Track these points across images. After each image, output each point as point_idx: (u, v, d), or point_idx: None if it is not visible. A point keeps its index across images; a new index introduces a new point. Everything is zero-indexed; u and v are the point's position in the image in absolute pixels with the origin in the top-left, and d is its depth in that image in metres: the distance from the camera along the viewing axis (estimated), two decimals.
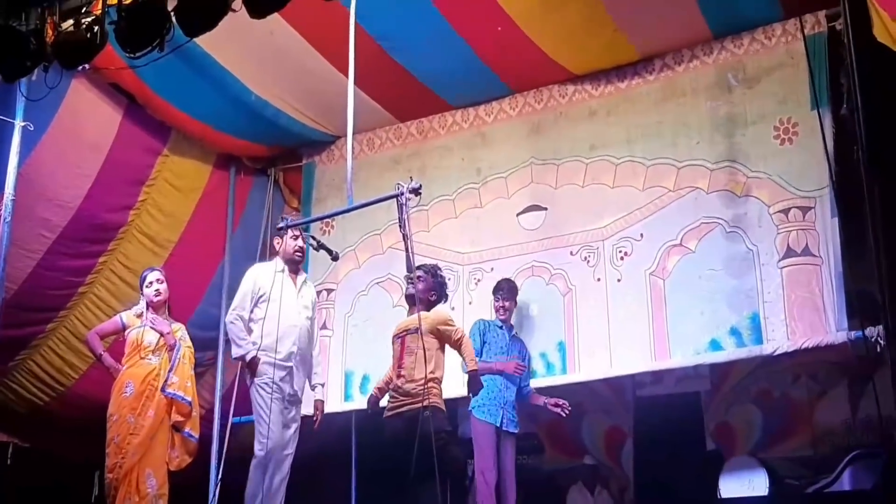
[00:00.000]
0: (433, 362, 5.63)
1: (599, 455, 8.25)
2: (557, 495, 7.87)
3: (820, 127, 6.15)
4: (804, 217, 6.27)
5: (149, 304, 6.31)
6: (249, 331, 6.01)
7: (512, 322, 6.79)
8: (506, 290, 6.74)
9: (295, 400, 5.97)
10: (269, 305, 5.93)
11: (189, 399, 6.19)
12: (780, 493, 6.63)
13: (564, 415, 6.48)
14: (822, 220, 6.18)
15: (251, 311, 6.03)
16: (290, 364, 5.91)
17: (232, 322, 6.02)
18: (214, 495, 6.86)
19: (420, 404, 5.42)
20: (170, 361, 6.18)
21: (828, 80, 6.31)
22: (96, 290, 7.42)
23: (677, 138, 6.85)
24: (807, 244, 6.22)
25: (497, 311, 6.73)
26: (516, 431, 6.54)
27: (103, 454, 6.81)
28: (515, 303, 6.79)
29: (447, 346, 5.78)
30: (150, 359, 6.18)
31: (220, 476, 6.75)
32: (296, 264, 6.17)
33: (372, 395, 5.96)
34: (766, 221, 6.38)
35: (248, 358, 5.91)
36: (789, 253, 6.26)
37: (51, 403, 7.53)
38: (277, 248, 6.21)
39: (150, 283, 6.33)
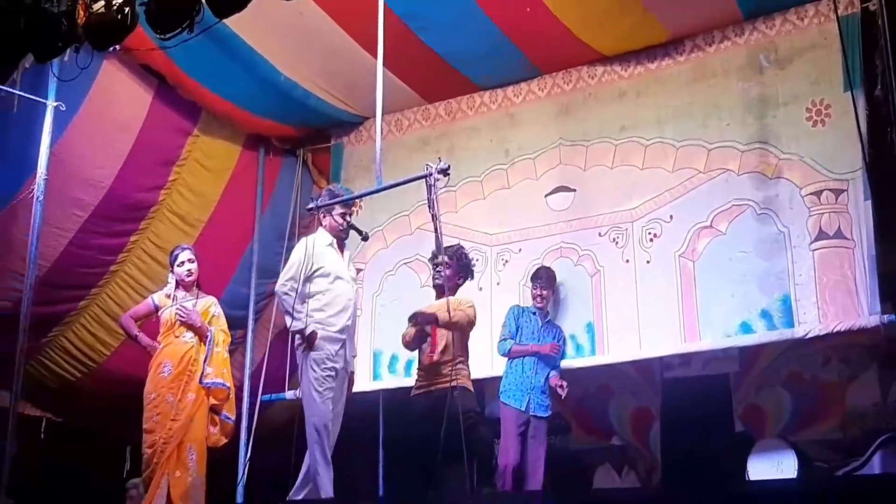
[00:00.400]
0: (461, 346, 5.73)
1: (626, 436, 8.23)
2: (584, 475, 7.86)
3: (853, 108, 6.05)
4: (836, 199, 6.21)
5: (179, 283, 6.33)
6: (304, 304, 5.91)
7: (548, 309, 6.80)
8: (544, 279, 6.76)
9: (345, 374, 5.93)
10: (324, 279, 5.92)
11: (227, 384, 6.23)
12: (809, 475, 6.58)
13: (562, 395, 6.48)
14: (855, 203, 6.13)
15: (304, 284, 5.93)
16: (343, 337, 5.86)
17: (286, 293, 5.87)
18: (244, 473, 6.96)
19: (448, 384, 5.46)
20: (205, 347, 6.20)
21: (861, 62, 6.23)
22: (127, 268, 7.49)
23: (708, 119, 6.80)
24: (839, 227, 6.17)
25: (535, 298, 6.75)
26: (546, 415, 6.55)
27: (135, 430, 6.89)
28: (553, 291, 6.80)
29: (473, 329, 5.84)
30: (184, 336, 6.22)
31: (248, 454, 6.84)
32: (342, 240, 6.12)
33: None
34: (797, 203, 6.33)
35: (307, 331, 5.81)
36: (821, 235, 6.22)
37: (83, 379, 7.62)
38: (323, 223, 6.10)
39: (182, 262, 6.34)
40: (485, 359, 6.84)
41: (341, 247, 6.09)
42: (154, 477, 5.91)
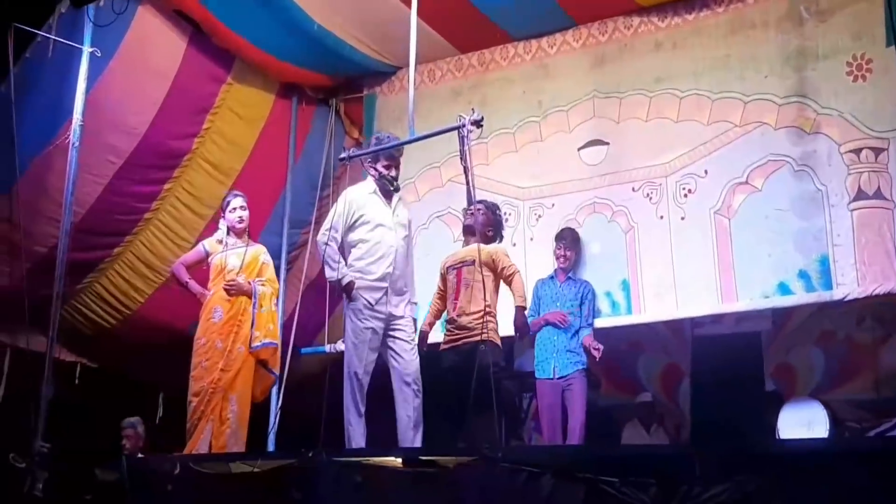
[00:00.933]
0: (489, 295, 5.64)
1: (656, 392, 8.23)
2: (613, 430, 7.89)
3: None
4: (876, 158, 6.12)
5: (230, 229, 6.36)
6: (347, 254, 5.89)
7: (571, 270, 6.76)
8: (569, 240, 6.74)
9: (396, 318, 5.81)
10: (365, 227, 5.87)
11: (275, 342, 6.27)
12: (840, 435, 6.57)
13: (596, 357, 6.42)
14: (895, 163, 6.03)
15: (346, 234, 5.88)
16: (384, 284, 5.76)
17: (326, 244, 5.80)
18: (274, 423, 7.04)
19: (477, 338, 5.45)
20: (251, 309, 6.22)
21: None
22: (161, 216, 7.53)
23: (745, 72, 6.70)
24: (879, 187, 6.08)
25: (558, 258, 6.72)
26: (574, 371, 6.45)
27: (168, 376, 7.00)
28: (576, 252, 6.76)
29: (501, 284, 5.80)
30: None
31: (280, 404, 6.91)
32: (387, 189, 5.98)
33: (422, 331, 5.96)
34: (836, 161, 6.24)
35: (344, 282, 5.75)
36: (860, 195, 6.13)
37: (117, 326, 7.68)
38: (370, 172, 6.03)
39: (234, 208, 6.36)
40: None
41: (388, 195, 5.97)
42: (199, 424, 5.97)
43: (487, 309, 5.62)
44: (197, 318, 6.22)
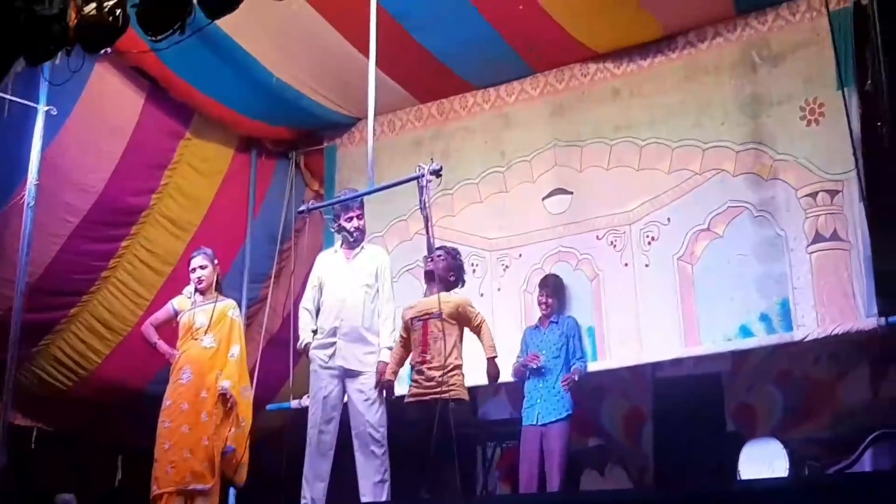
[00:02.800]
0: (456, 349, 5.63)
1: (619, 436, 8.22)
2: (574, 476, 7.85)
3: (845, 108, 6.05)
4: (832, 201, 6.21)
5: (195, 287, 6.39)
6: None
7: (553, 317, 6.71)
8: (551, 286, 6.70)
9: (355, 374, 5.86)
10: (325, 288, 5.98)
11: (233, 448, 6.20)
12: (800, 474, 6.60)
13: (576, 378, 6.38)
14: (851, 204, 6.12)
15: (315, 301, 6.02)
16: (333, 339, 5.85)
17: (299, 315, 6.07)
18: (242, 479, 6.91)
19: (444, 393, 5.39)
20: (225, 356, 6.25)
21: (854, 58, 6.18)
22: (119, 274, 7.43)
23: (702, 118, 6.79)
24: (835, 229, 6.17)
25: (540, 305, 6.69)
26: (558, 418, 6.36)
27: (127, 436, 6.89)
28: (558, 300, 6.72)
29: (466, 333, 5.77)
30: (202, 340, 6.24)
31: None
32: (350, 242, 6.08)
33: (388, 381, 5.87)
34: (793, 205, 6.33)
35: (300, 347, 5.97)
36: (818, 238, 6.22)
37: (74, 388, 7.54)
38: (334, 229, 6.14)
39: (194, 268, 6.42)
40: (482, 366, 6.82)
41: (350, 247, 6.06)
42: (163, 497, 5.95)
43: (455, 362, 5.58)
44: (153, 377, 6.16)
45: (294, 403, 7.40)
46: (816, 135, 6.36)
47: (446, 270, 5.84)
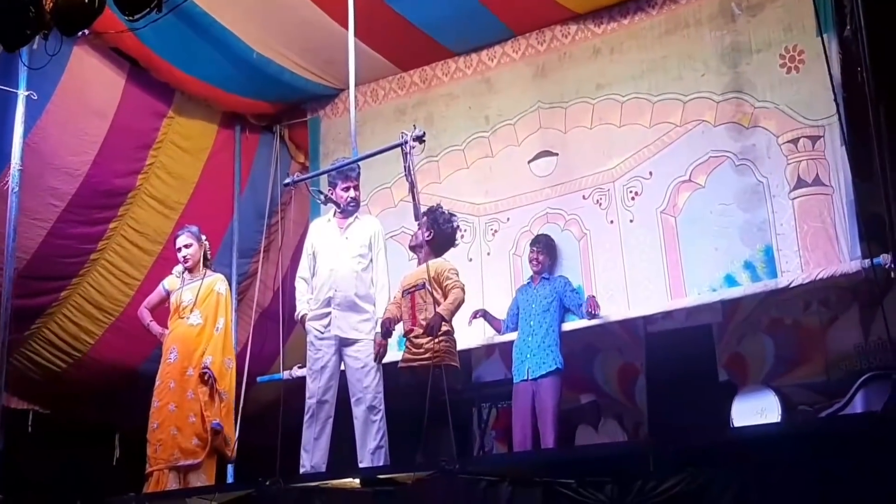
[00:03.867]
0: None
1: (613, 392, 8.26)
2: (569, 433, 7.91)
3: (824, 54, 6.03)
4: (813, 146, 6.20)
5: (184, 266, 6.44)
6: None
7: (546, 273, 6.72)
8: (542, 244, 6.71)
9: (350, 342, 5.87)
10: (318, 258, 5.98)
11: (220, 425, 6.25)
12: (792, 418, 6.64)
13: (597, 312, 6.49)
14: (832, 149, 6.11)
15: (311, 269, 6.03)
16: (328, 309, 5.85)
17: (295, 285, 6.09)
18: (233, 452, 6.97)
19: (433, 360, 5.40)
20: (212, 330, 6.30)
21: (833, 4, 6.15)
22: (108, 255, 7.46)
23: (683, 72, 6.77)
24: (817, 174, 6.16)
25: (531, 262, 6.70)
26: (549, 371, 6.33)
27: (123, 416, 6.95)
28: (550, 257, 6.73)
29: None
30: (188, 318, 6.27)
31: (237, 434, 6.85)
32: (345, 212, 6.06)
33: (385, 320, 5.80)
34: (774, 152, 6.32)
35: (297, 316, 6.00)
36: (800, 183, 6.21)
37: (68, 370, 7.60)
38: (329, 198, 6.08)
39: (179, 248, 6.46)
40: (475, 329, 6.84)
41: (344, 217, 6.05)
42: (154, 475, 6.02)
43: (444, 328, 5.59)
44: (148, 356, 6.20)
45: (285, 374, 7.43)
46: (797, 81, 6.34)
47: (428, 232, 5.82)
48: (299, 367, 7.34)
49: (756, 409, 6.55)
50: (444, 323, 5.57)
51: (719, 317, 7.54)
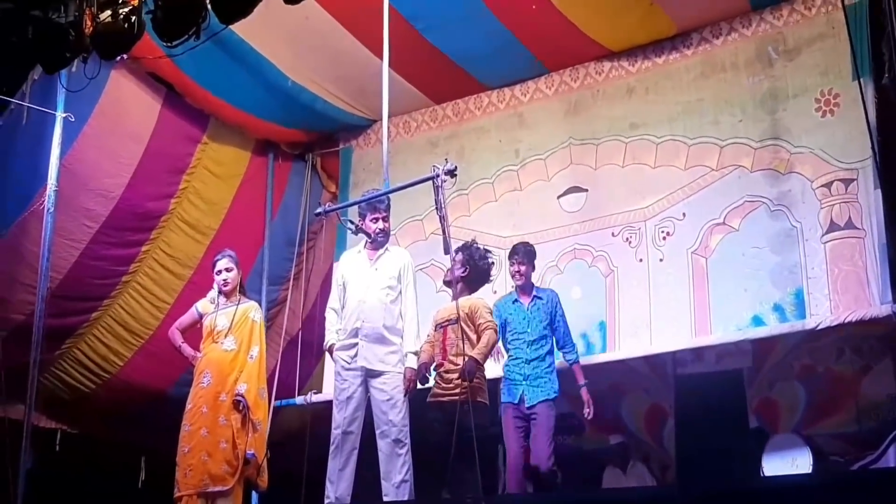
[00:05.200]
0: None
1: (640, 433, 8.19)
2: (595, 474, 7.84)
3: (861, 97, 6.02)
4: (847, 189, 6.18)
5: (220, 290, 6.43)
6: None
7: (535, 285, 6.46)
8: (521, 254, 6.38)
9: (376, 374, 5.83)
10: (348, 288, 5.99)
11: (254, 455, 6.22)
12: (824, 470, 6.55)
13: (588, 414, 6.27)
14: (865, 192, 6.09)
15: (341, 300, 6.05)
16: (355, 340, 5.84)
17: (325, 315, 6.12)
18: (265, 482, 6.95)
19: (462, 396, 5.36)
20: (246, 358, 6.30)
21: (869, 50, 6.16)
22: (139, 278, 7.50)
23: (719, 116, 6.78)
24: (850, 217, 6.14)
25: (513, 276, 6.40)
26: (546, 399, 6.12)
27: (150, 438, 6.94)
28: (532, 267, 6.41)
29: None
30: (222, 342, 6.27)
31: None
32: (374, 244, 6.03)
33: (421, 366, 5.80)
34: (809, 197, 6.30)
35: (326, 346, 6.04)
36: (832, 227, 6.19)
37: (97, 390, 7.61)
38: (359, 229, 6.04)
39: (219, 270, 6.44)
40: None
41: (374, 248, 6.04)
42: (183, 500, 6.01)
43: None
44: (176, 380, 6.20)
45: (299, 400, 7.45)
46: (832, 125, 6.34)
47: (459, 268, 5.79)
48: (315, 393, 7.36)
49: (787, 459, 6.48)
50: (478, 365, 5.54)
51: (749, 361, 7.47)
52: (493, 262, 6.04)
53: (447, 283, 5.95)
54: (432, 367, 5.91)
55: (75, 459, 7.65)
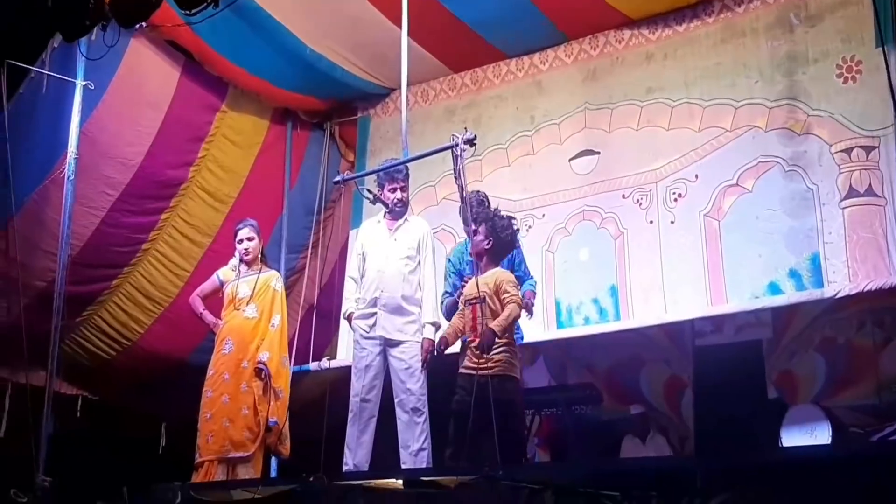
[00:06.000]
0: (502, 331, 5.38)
1: (659, 404, 8.19)
2: (613, 444, 7.85)
3: (885, 64, 5.94)
4: (867, 157, 6.10)
5: (241, 259, 6.47)
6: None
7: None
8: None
9: (395, 343, 5.83)
10: (367, 258, 5.99)
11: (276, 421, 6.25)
12: (843, 441, 6.53)
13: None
14: (887, 160, 6.01)
15: (360, 269, 6.05)
16: (374, 310, 5.84)
17: (345, 284, 6.14)
18: (287, 450, 7.01)
19: (492, 370, 5.26)
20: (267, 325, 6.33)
21: (893, 18, 6.08)
22: (159, 246, 7.54)
23: (736, 79, 6.72)
24: (870, 184, 6.06)
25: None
26: None
27: (171, 405, 6.99)
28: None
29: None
30: (244, 310, 6.31)
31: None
32: (393, 213, 6.01)
33: (444, 337, 5.64)
34: (826, 160, 6.23)
35: (344, 315, 6.05)
36: (851, 193, 6.11)
37: (118, 357, 7.67)
38: (378, 199, 5.99)
39: (241, 239, 6.47)
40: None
41: (394, 218, 6.01)
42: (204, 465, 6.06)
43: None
44: (196, 347, 6.24)
45: (314, 366, 7.48)
46: (853, 91, 6.26)
47: (483, 240, 5.54)
48: (328, 360, 7.38)
49: (806, 430, 6.46)
50: (496, 338, 5.46)
51: (769, 332, 7.46)
52: (517, 229, 5.78)
53: (473, 255, 5.76)
54: (461, 341, 5.78)
55: (96, 425, 7.71)
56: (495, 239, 5.57)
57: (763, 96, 6.57)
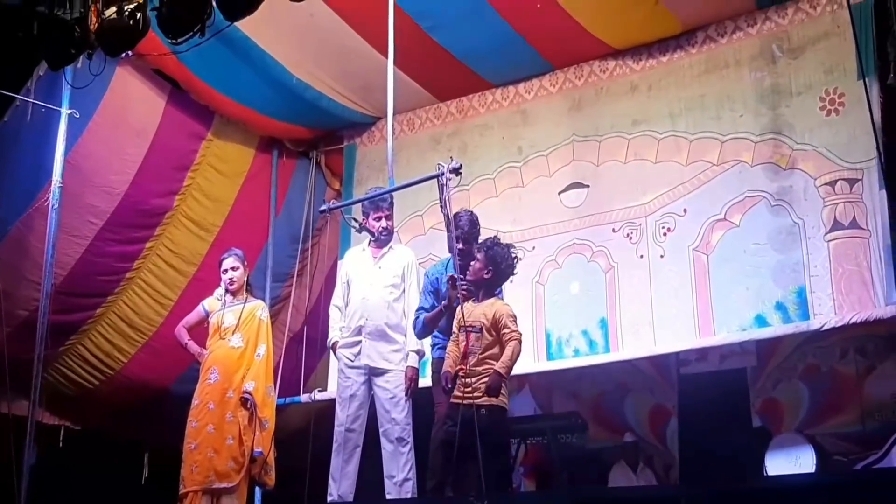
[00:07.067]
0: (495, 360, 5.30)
1: (644, 433, 8.20)
2: (601, 473, 7.84)
3: (866, 97, 5.99)
4: (851, 189, 6.17)
5: (226, 288, 6.45)
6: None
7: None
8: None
9: (379, 372, 5.82)
10: (352, 286, 5.99)
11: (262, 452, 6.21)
12: (827, 469, 6.55)
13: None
14: (870, 192, 6.07)
15: (345, 298, 6.04)
16: (359, 338, 5.84)
17: (329, 313, 6.12)
18: (272, 480, 6.96)
19: (479, 399, 5.22)
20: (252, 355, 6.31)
21: (875, 49, 6.14)
22: (143, 275, 7.51)
23: (721, 111, 6.78)
24: (854, 217, 6.12)
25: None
26: None
27: (152, 435, 6.92)
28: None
29: None
30: (229, 340, 6.29)
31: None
32: (378, 242, 6.01)
33: (447, 372, 5.35)
34: (811, 194, 6.29)
35: (329, 344, 6.03)
36: (836, 226, 6.17)
37: (100, 387, 7.62)
38: (363, 227, 6.01)
39: (226, 269, 6.45)
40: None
41: (378, 246, 6.01)
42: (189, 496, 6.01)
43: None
44: (180, 376, 6.19)
45: (304, 398, 7.45)
46: (836, 124, 6.33)
47: (482, 269, 5.32)
48: (319, 391, 7.36)
49: (791, 458, 6.48)
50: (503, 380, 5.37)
51: (754, 361, 7.51)
52: (517, 259, 5.53)
53: (471, 283, 5.64)
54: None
55: (79, 456, 7.65)
56: (495, 269, 5.38)
57: (748, 130, 6.64)
